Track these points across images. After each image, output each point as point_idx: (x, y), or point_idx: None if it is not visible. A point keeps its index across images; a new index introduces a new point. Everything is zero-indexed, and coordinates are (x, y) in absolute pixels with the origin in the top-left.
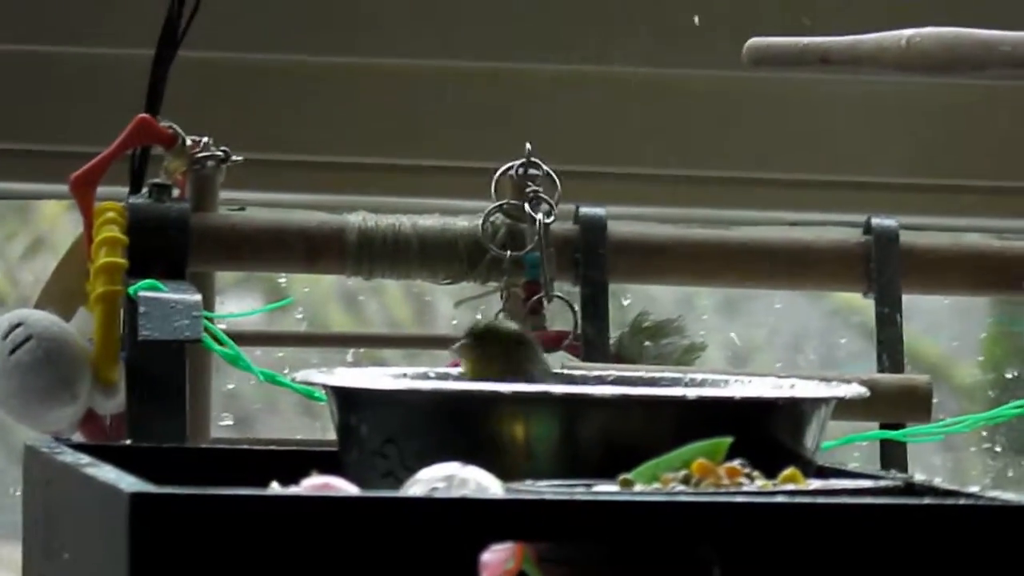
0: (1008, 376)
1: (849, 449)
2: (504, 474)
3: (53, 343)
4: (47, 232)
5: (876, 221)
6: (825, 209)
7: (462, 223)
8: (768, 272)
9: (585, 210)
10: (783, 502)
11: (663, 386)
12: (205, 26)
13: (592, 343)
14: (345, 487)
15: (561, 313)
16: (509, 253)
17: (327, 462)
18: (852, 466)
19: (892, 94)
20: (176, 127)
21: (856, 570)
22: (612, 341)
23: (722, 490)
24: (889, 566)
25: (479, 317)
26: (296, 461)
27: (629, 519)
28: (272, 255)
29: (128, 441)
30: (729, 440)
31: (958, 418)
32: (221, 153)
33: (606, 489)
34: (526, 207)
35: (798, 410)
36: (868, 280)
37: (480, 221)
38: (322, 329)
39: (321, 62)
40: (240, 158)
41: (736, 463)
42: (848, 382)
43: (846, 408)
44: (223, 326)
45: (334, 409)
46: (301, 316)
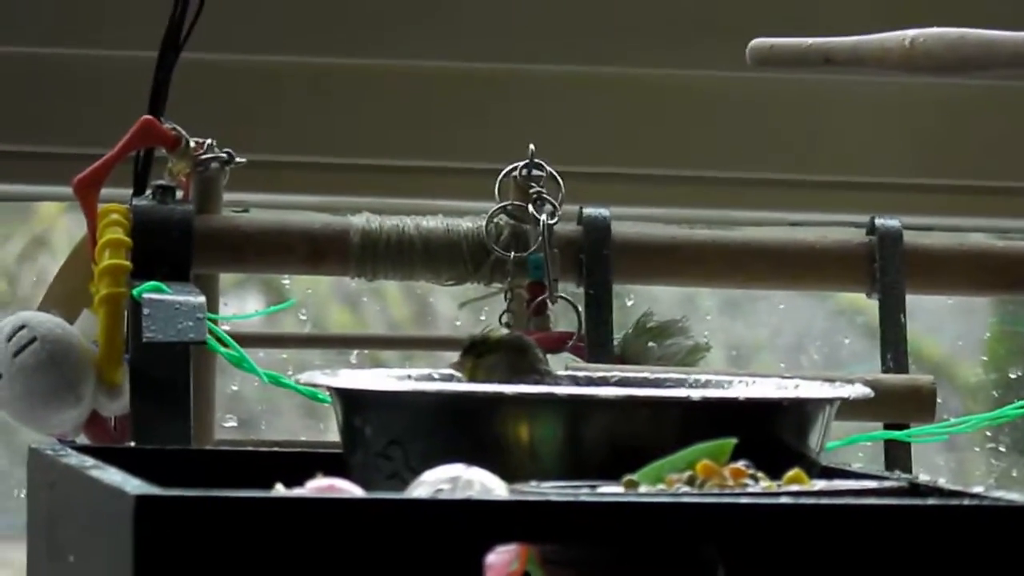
0: (1012, 376)
1: (853, 449)
2: (509, 475)
3: (57, 345)
4: (46, 233)
5: (880, 221)
6: (829, 209)
7: (466, 224)
8: (772, 273)
9: (589, 211)
10: (788, 503)
11: (667, 387)
12: (208, 28)
13: (596, 344)
14: (350, 489)
15: (565, 314)
16: (513, 254)
17: (331, 464)
18: (856, 466)
19: (896, 94)
20: (180, 129)
21: (861, 571)
22: (616, 342)
23: (726, 491)
24: (894, 567)
25: (481, 326)
26: (300, 463)
27: (634, 520)
28: (276, 257)
29: (132, 443)
30: (733, 441)
31: (962, 418)
32: (225, 155)
33: (611, 490)
34: (530, 208)
35: (802, 411)
36: (872, 280)
37: (484, 222)
38: (324, 331)
39: (324, 64)
40: (243, 160)
41: (740, 464)
42: (852, 382)
43: (850, 408)
44: (226, 328)
45: (338, 411)
46: (305, 317)
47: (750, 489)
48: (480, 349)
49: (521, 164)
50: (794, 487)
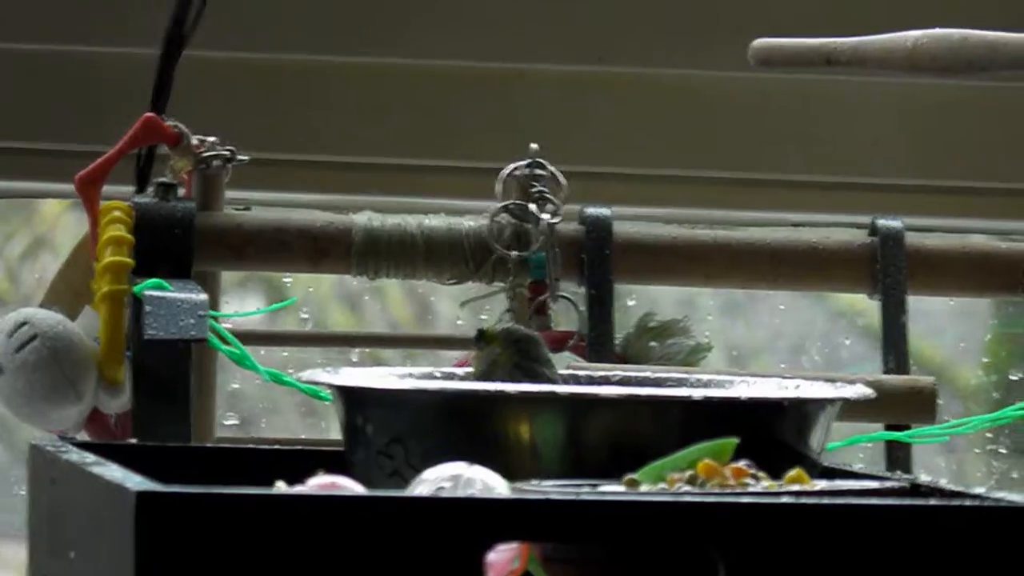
0: (1012, 378)
1: (853, 450)
2: (510, 474)
3: (58, 342)
4: (48, 231)
5: (882, 222)
6: (831, 210)
7: (468, 223)
8: (773, 273)
9: (591, 210)
10: (789, 503)
11: (669, 386)
12: (211, 25)
13: (597, 343)
14: (351, 487)
15: (566, 313)
16: (515, 253)
17: (333, 462)
18: (857, 467)
19: (897, 95)
20: (182, 126)
21: (862, 571)
22: (617, 342)
23: (728, 491)
24: (895, 567)
25: (482, 326)
26: (301, 461)
27: (635, 519)
28: (277, 255)
29: (133, 440)
30: (735, 441)
31: (963, 420)
32: (227, 152)
33: (612, 489)
34: (532, 207)
35: (804, 411)
36: (873, 281)
37: (486, 221)
38: (324, 329)
39: (327, 62)
40: (246, 157)
41: (742, 464)
42: (853, 383)
43: (851, 409)
44: (228, 325)
45: (340, 409)
46: (306, 316)
47: (751, 489)
48: (494, 341)
49: (523, 163)
50: (795, 487)
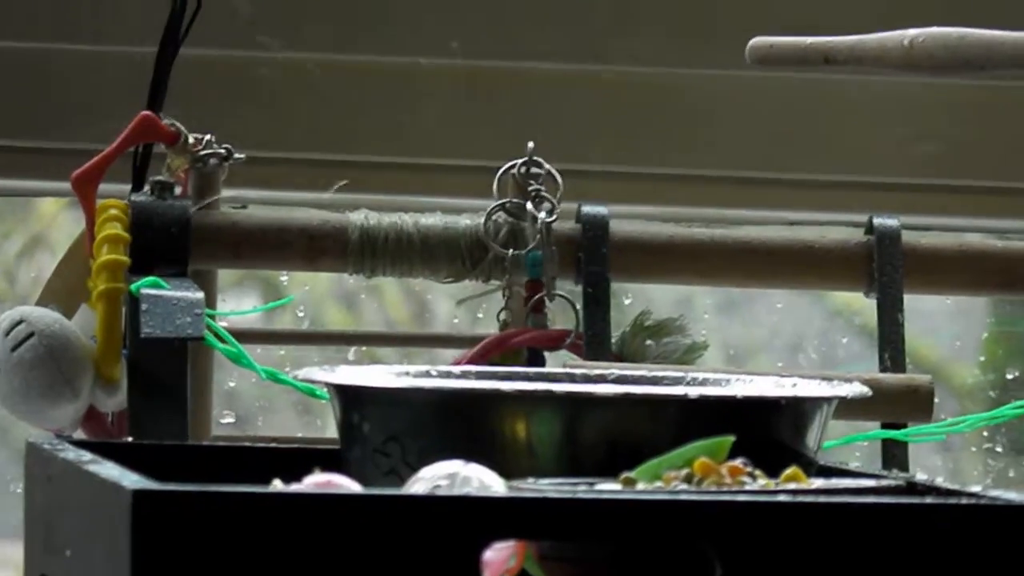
0: (1009, 377)
1: (850, 449)
2: (506, 472)
3: (55, 340)
4: (45, 230)
5: (878, 221)
6: (827, 209)
7: (464, 221)
8: (770, 272)
9: (587, 209)
10: (785, 501)
11: (665, 385)
12: (207, 24)
13: (594, 342)
14: (347, 485)
15: (563, 312)
16: (511, 252)
17: (329, 460)
18: (853, 466)
19: (894, 94)
20: (178, 124)
21: (858, 569)
22: (614, 340)
23: (724, 489)
24: (891, 566)
25: (478, 324)
26: (298, 459)
27: (631, 518)
28: (274, 253)
29: (130, 438)
30: (731, 439)
31: (959, 418)
32: (223, 151)
33: (608, 487)
34: (528, 206)
35: (800, 409)
36: (870, 280)
37: (482, 220)
38: (321, 327)
39: (323, 60)
40: (242, 156)
41: (738, 462)
42: (850, 381)
43: (848, 407)
44: (224, 324)
45: (336, 407)
46: (302, 314)
47: (748, 487)
48: None
49: (520, 161)
50: (792, 485)
